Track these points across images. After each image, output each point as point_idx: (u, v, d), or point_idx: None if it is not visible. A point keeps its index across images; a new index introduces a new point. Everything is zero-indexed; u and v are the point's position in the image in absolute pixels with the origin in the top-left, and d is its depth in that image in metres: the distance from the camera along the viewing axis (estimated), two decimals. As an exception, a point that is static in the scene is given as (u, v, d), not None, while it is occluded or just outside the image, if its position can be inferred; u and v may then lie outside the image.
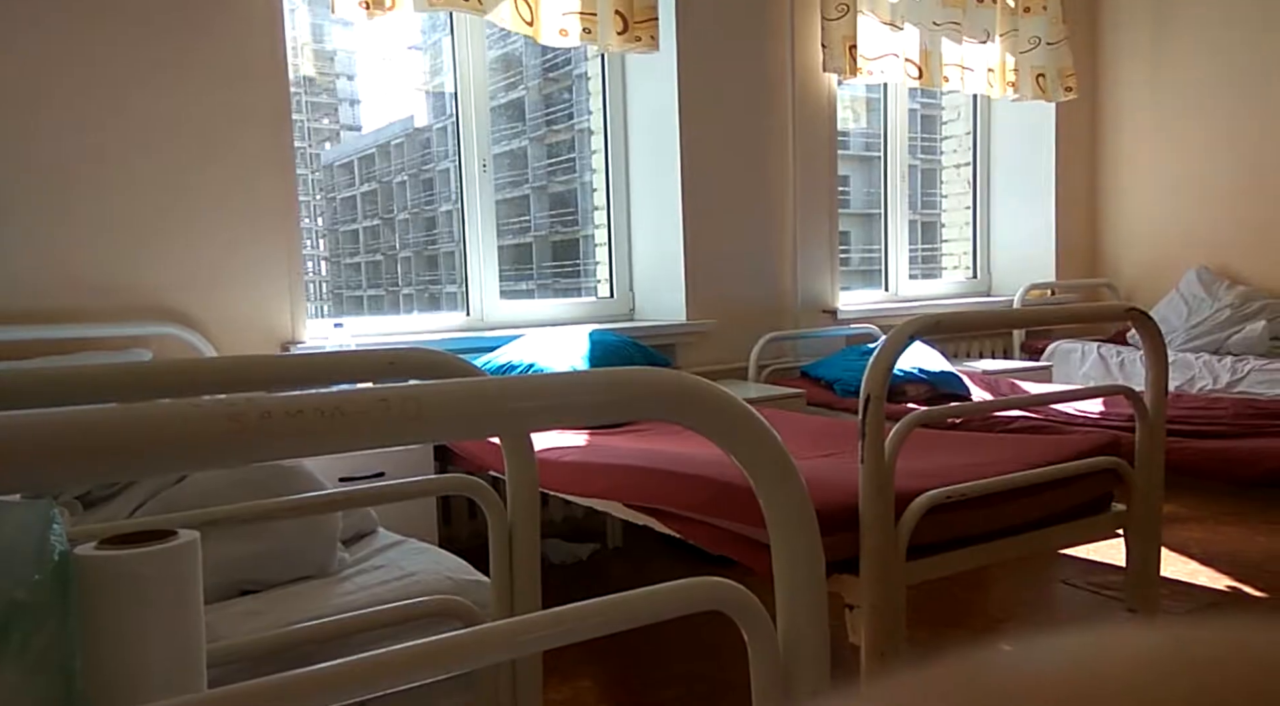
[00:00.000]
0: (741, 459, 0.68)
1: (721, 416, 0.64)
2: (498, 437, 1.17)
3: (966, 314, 1.46)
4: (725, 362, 3.16)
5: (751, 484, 0.69)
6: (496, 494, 1.07)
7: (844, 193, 5.59)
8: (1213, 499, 3.26)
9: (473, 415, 0.55)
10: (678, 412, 0.63)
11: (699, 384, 0.63)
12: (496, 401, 0.58)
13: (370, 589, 1.16)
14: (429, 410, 0.52)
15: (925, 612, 2.28)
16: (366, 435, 0.49)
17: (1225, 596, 2.33)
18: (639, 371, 0.64)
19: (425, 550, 1.33)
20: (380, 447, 0.51)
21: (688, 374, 0.64)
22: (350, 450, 0.50)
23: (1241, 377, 3.06)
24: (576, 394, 0.62)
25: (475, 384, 0.56)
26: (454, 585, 1.17)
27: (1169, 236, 3.90)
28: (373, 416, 0.49)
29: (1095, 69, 4.09)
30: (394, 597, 1.10)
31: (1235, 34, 3.59)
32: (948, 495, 1.42)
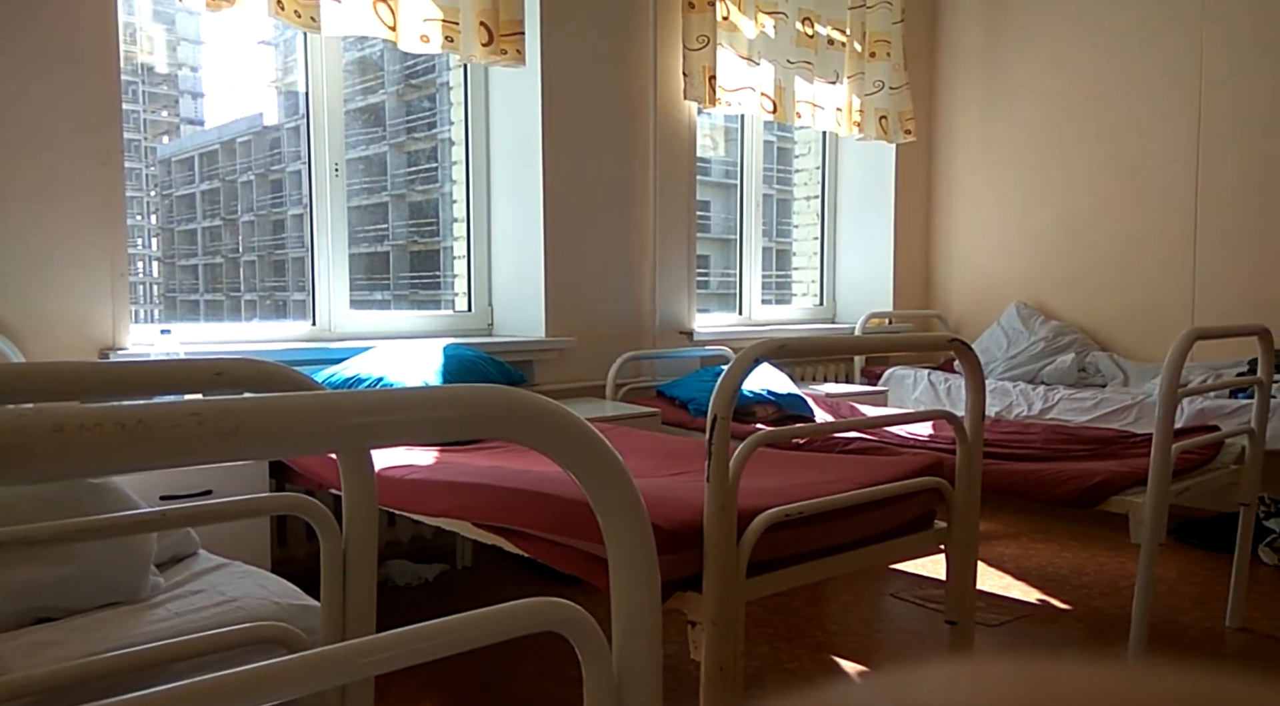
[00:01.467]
0: (581, 477, 0.68)
1: (561, 434, 0.64)
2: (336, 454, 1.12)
3: (806, 340, 1.53)
4: (583, 381, 3.17)
5: (590, 502, 0.69)
6: (332, 513, 1.02)
7: (704, 218, 5.73)
8: (1026, 517, 3.55)
9: (297, 432, 0.53)
10: (517, 431, 0.63)
11: (538, 402, 0.63)
12: (323, 417, 0.56)
13: (185, 616, 1.07)
14: (248, 426, 0.49)
15: (767, 627, 2.36)
16: (175, 452, 0.46)
17: (1036, 608, 2.53)
18: (478, 389, 0.63)
19: (251, 573, 1.25)
20: (192, 465, 0.47)
21: (528, 392, 0.64)
22: (155, 467, 0.46)
23: (1053, 405, 3.35)
24: (411, 411, 0.60)
25: (301, 399, 0.54)
26: (279, 610, 1.10)
27: (993, 273, 4.24)
28: (182, 432, 0.46)
29: (932, 116, 4.41)
30: (211, 625, 1.02)
31: (1053, 98, 3.96)
32: (786, 513, 1.47)
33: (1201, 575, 2.80)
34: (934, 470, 1.80)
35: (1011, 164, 4.13)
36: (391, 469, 1.83)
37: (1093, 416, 3.18)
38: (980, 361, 1.73)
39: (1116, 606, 2.50)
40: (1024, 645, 2.25)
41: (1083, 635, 2.31)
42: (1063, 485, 2.12)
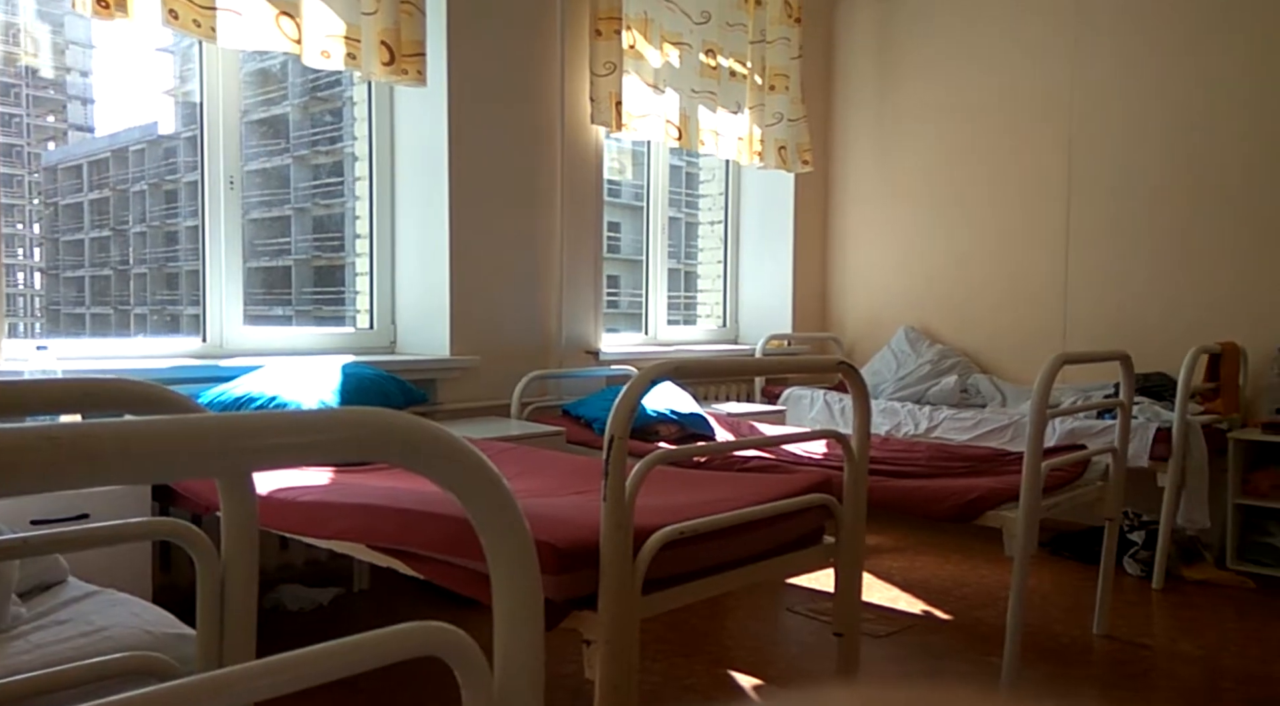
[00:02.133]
0: (462, 498, 0.69)
1: (440, 456, 0.65)
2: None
3: (700, 362, 1.57)
4: (488, 400, 3.16)
5: (473, 524, 0.70)
6: (215, 537, 1.00)
7: (614, 239, 5.78)
8: (912, 531, 3.70)
9: (164, 457, 0.53)
10: (396, 454, 0.64)
11: (417, 424, 0.64)
12: (192, 442, 0.55)
13: (47, 647, 1.03)
14: (109, 450, 0.49)
15: (665, 644, 2.39)
16: (27, 478, 0.45)
17: (920, 619, 2.65)
18: (356, 412, 0.64)
19: (124, 602, 1.20)
20: (48, 491, 0.47)
21: (407, 415, 0.65)
22: (7, 494, 0.46)
23: (937, 424, 3.52)
24: (285, 434, 0.60)
25: (170, 422, 0.54)
26: (152, 640, 1.07)
27: (884, 298, 4.43)
28: (36, 456, 0.45)
29: (828, 148, 4.59)
30: (76, 656, 0.98)
31: (939, 137, 4.19)
32: (681, 531, 1.51)
33: (1073, 585, 2.98)
34: (823, 487, 1.87)
35: (902, 196, 4.33)
36: (283, 490, 1.79)
37: (973, 435, 3.35)
38: (866, 384, 1.82)
39: (994, 616, 2.64)
40: (909, 655, 2.35)
41: (963, 645, 2.43)
42: (943, 501, 2.23)
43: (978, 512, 2.18)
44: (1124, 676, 2.21)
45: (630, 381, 1.44)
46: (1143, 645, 2.42)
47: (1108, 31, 3.65)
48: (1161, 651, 2.37)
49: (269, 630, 2.32)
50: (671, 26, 3.58)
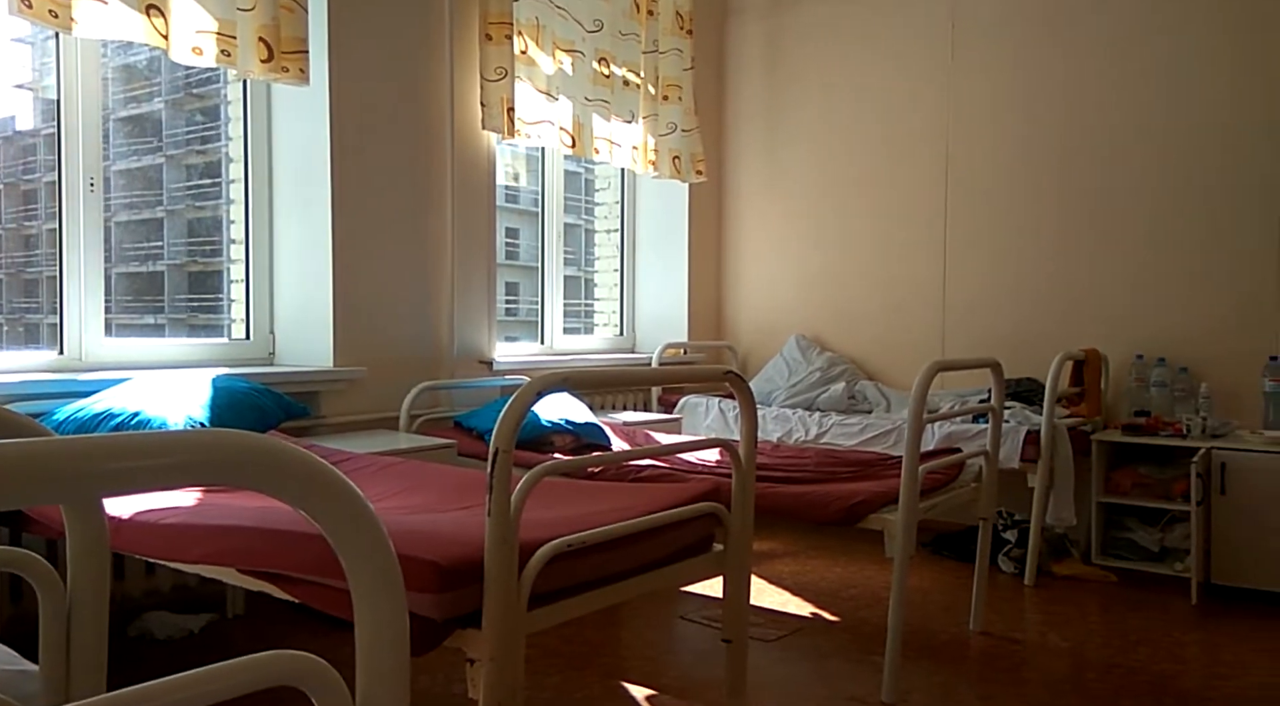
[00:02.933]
0: (320, 519, 0.66)
1: (296, 478, 0.62)
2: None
3: (587, 373, 1.56)
4: (375, 412, 3.06)
5: (333, 546, 0.67)
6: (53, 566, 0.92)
7: (514, 245, 5.72)
8: (804, 535, 3.79)
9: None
10: (249, 476, 0.60)
11: (269, 445, 0.61)
12: (23, 467, 0.51)
13: None
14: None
15: (558, 658, 2.37)
16: None
17: (809, 621, 2.71)
18: (209, 434, 0.60)
19: (-45, 639, 1.10)
20: None
21: (261, 436, 0.62)
22: None
23: (826, 430, 3.62)
24: (130, 458, 0.56)
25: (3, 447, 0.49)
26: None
27: (776, 307, 4.53)
28: None
29: (721, 159, 4.68)
30: (-110, 702, 0.89)
31: (825, 150, 4.33)
32: (569, 544, 1.49)
33: (952, 583, 3.11)
34: (712, 496, 1.89)
35: (792, 208, 4.45)
36: (145, 513, 1.68)
37: (859, 440, 3.46)
38: (752, 392, 1.85)
39: (879, 616, 2.72)
40: (797, 658, 2.39)
41: (849, 645, 2.49)
42: (828, 506, 2.29)
43: (860, 516, 2.25)
44: (998, 670, 2.31)
45: (515, 394, 1.42)
46: (1015, 639, 2.54)
47: (981, 53, 3.85)
48: (1032, 645, 2.50)
49: (132, 660, 2.18)
50: (564, 34, 3.57)
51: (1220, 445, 2.94)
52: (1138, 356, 3.45)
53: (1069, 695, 2.15)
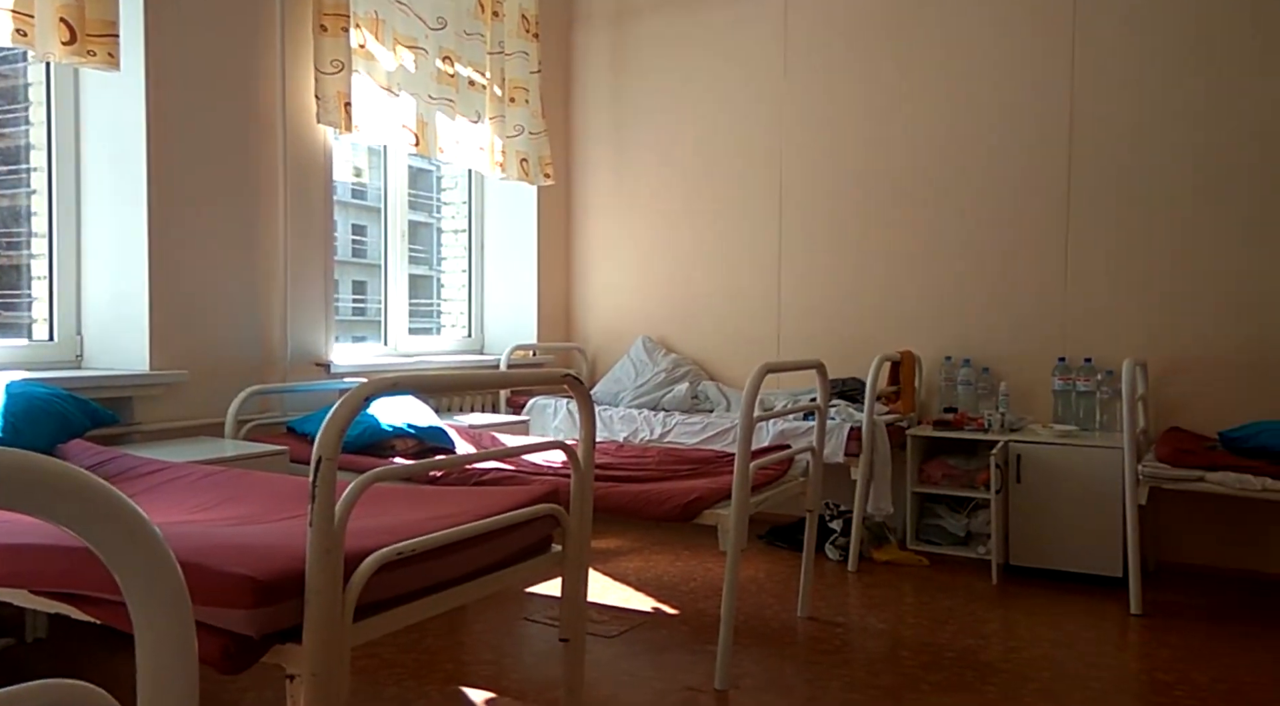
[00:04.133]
0: (93, 541, 0.63)
1: (64, 497, 0.59)
2: None
3: (419, 377, 1.55)
4: (199, 418, 2.89)
5: (109, 568, 0.64)
6: None
7: (361, 243, 5.52)
8: (648, 532, 3.89)
9: None
10: (8, 496, 0.57)
11: (28, 460, 0.58)
12: None
13: None
14: None
15: (397, 667, 2.32)
16: None
17: (650, 616, 2.78)
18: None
19: None
20: None
21: (18, 452, 0.59)
22: None
23: (670, 430, 3.72)
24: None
25: None
26: None
27: (624, 309, 4.62)
28: None
29: (570, 162, 4.71)
30: None
31: (667, 157, 4.45)
32: (398, 552, 1.48)
33: (783, 573, 3.27)
34: (551, 497, 1.92)
35: (638, 212, 4.55)
36: (-80, 534, 1.52)
37: (701, 439, 3.58)
38: (590, 395, 1.88)
39: (716, 607, 2.84)
40: (635, 652, 2.46)
41: (686, 637, 2.59)
42: (666, 503, 2.36)
43: (697, 512, 2.33)
44: (822, 652, 2.46)
45: (341, 398, 1.39)
46: (838, 623, 2.71)
47: (813, 65, 4.07)
48: (854, 628, 2.67)
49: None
50: (405, 29, 3.49)
51: (1016, 438, 3.25)
52: (946, 358, 3.75)
53: (884, 672, 2.32)
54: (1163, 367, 3.36)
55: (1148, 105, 3.38)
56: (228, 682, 2.20)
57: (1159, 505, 3.36)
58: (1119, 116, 3.43)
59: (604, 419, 3.89)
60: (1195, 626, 2.69)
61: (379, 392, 1.45)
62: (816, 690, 2.20)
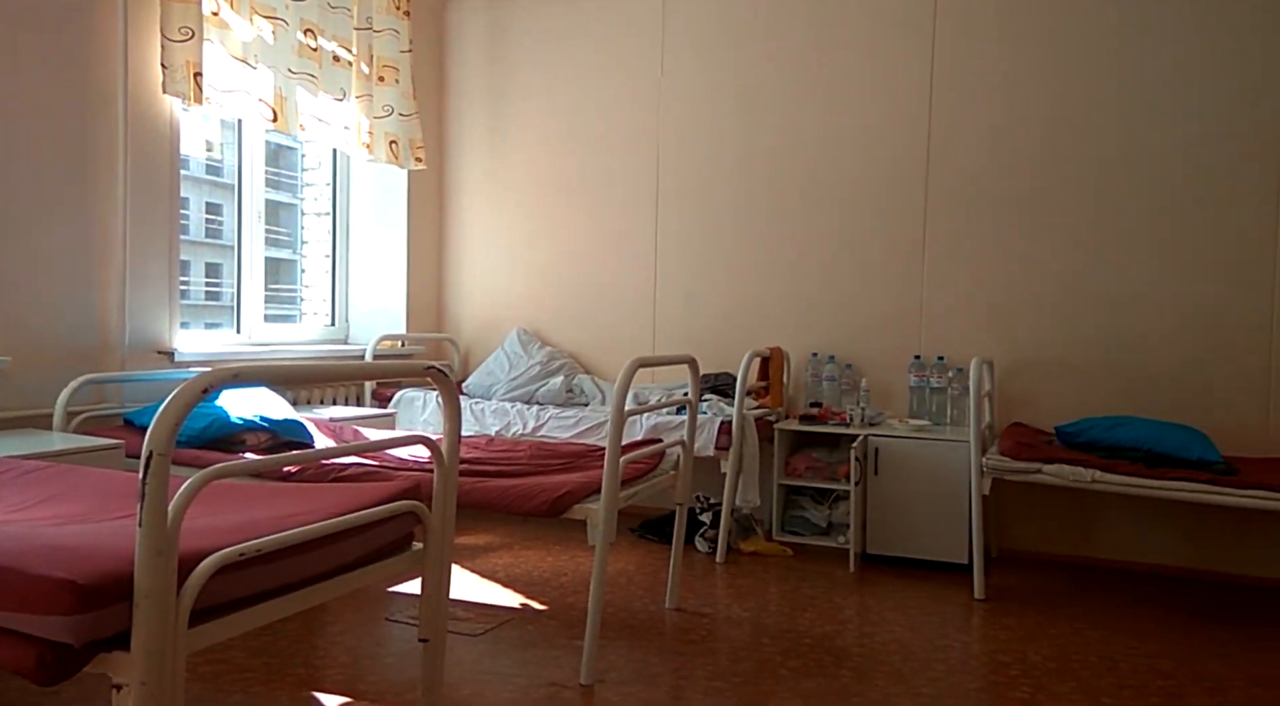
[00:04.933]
0: None
1: None
2: None
3: (263, 368, 1.45)
4: (22, 409, 2.64)
5: None
6: None
7: (216, 222, 5.17)
8: (519, 527, 3.84)
9: None
10: None
11: None
12: None
13: None
14: None
15: (246, 672, 2.19)
16: None
17: (519, 612, 2.74)
18: None
19: None
20: None
21: None
22: None
23: (544, 423, 3.68)
24: None
25: None
26: None
27: (499, 301, 4.53)
28: None
29: (443, 147, 4.58)
30: None
31: (545, 147, 4.39)
32: (240, 552, 1.38)
33: (654, 565, 3.30)
34: (412, 494, 1.85)
35: (515, 201, 4.47)
36: None
37: (574, 432, 3.56)
38: (454, 388, 1.82)
39: (585, 602, 2.82)
40: (501, 650, 2.41)
41: (554, 632, 2.56)
42: (534, 497, 2.33)
43: (566, 507, 2.31)
44: (688, 642, 2.49)
45: (175, 390, 1.28)
46: (704, 613, 2.75)
47: (691, 56, 4.11)
48: (719, 617, 2.72)
49: None
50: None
51: (875, 432, 3.39)
52: (813, 354, 3.88)
53: (746, 660, 2.37)
54: (1008, 366, 3.58)
55: (1000, 114, 3.58)
56: (50, 696, 2.01)
57: (1002, 496, 3.59)
58: (972, 125, 3.63)
59: (475, 412, 3.80)
60: (1031, 609, 2.88)
61: (219, 384, 1.36)
62: (681, 680, 2.23)
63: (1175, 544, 3.33)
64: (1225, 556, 3.26)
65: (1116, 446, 2.82)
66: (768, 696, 2.14)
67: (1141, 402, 3.36)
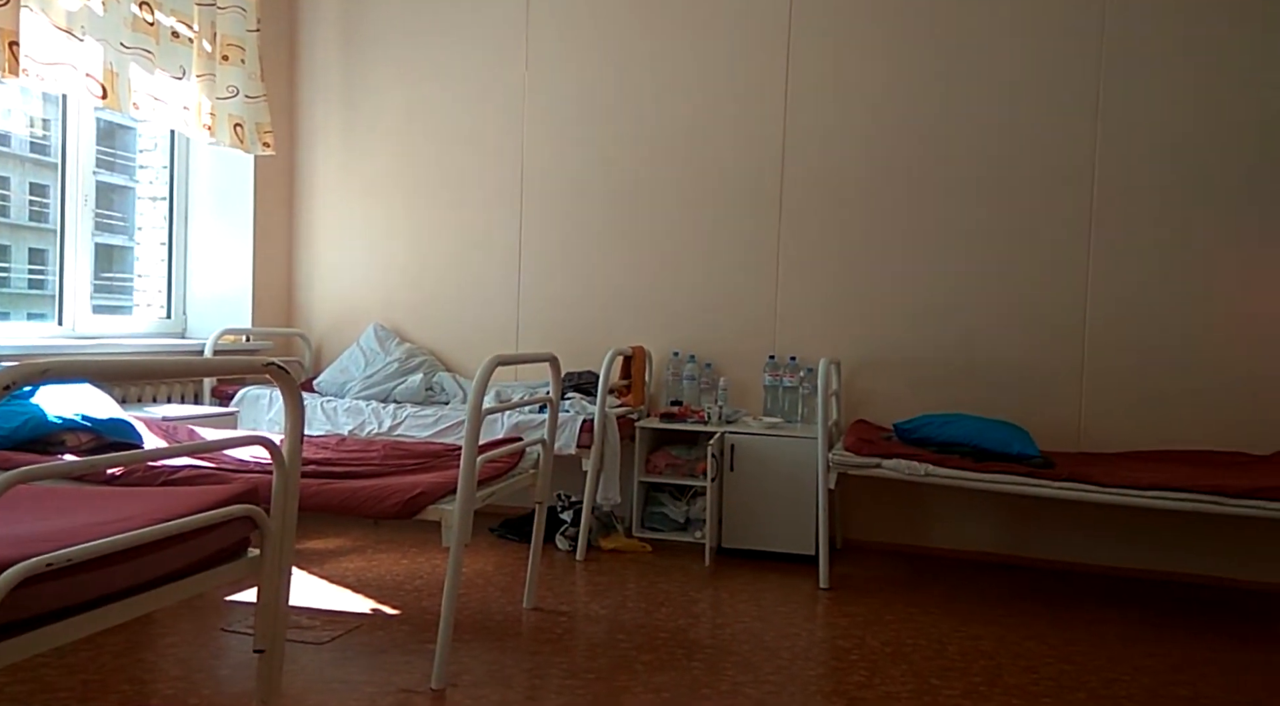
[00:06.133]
0: None
1: None
2: None
3: (79, 362, 1.35)
4: None
5: None
6: None
7: (40, 204, 4.73)
8: (373, 530, 3.72)
9: None
10: None
11: None
12: None
13: None
14: None
15: (60, 692, 2.02)
16: None
17: (369, 617, 2.66)
18: None
19: None
20: None
21: None
22: None
23: (401, 422, 3.58)
24: None
25: None
26: None
27: (355, 295, 4.38)
28: None
29: (294, 133, 4.38)
30: None
31: (405, 140, 4.27)
32: (48, 562, 1.28)
33: (514, 565, 3.27)
34: (250, 497, 1.76)
35: (372, 192, 4.33)
36: None
37: (433, 431, 3.48)
38: (296, 385, 1.75)
39: (440, 605, 2.77)
40: (348, 658, 2.33)
41: (407, 637, 2.50)
42: (386, 499, 2.26)
43: (420, 508, 2.25)
44: (544, 642, 2.49)
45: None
46: (562, 612, 2.76)
47: (556, 48, 4.10)
48: (578, 615, 2.73)
49: None
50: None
51: (731, 429, 3.50)
52: (674, 353, 3.95)
53: (602, 657, 2.39)
54: (854, 365, 3.77)
55: (847, 119, 3.76)
56: None
57: (847, 489, 3.78)
58: (823, 130, 3.79)
59: (327, 411, 3.66)
60: (870, 597, 3.05)
61: (26, 381, 1.25)
62: (535, 679, 2.22)
63: (998, 533, 3.60)
64: (1042, 543, 3.56)
65: (948, 442, 3.02)
66: (621, 691, 2.17)
67: (972, 399, 3.61)
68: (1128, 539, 3.45)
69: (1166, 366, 3.41)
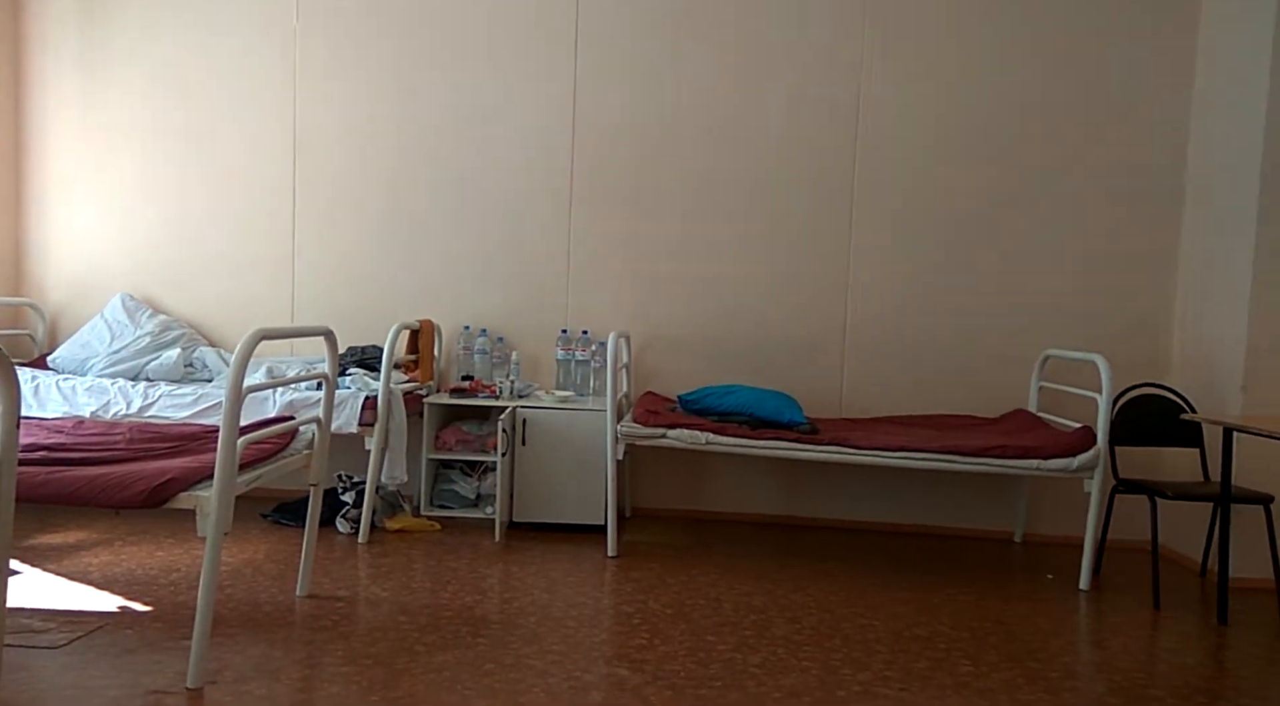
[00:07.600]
0: None
1: None
2: None
3: None
4: None
5: None
6: None
7: None
8: (122, 522, 3.36)
9: None
10: None
11: None
12: None
13: None
14: None
15: None
16: None
17: (115, 616, 2.40)
18: None
19: None
20: None
21: None
22: None
23: (154, 402, 3.25)
24: None
25: None
26: None
27: (98, 263, 3.91)
28: None
29: (20, 91, 3.83)
30: None
31: (155, 103, 3.85)
32: None
33: (288, 551, 3.08)
34: (-51, 489, 1.52)
35: (121, 153, 3.88)
36: None
37: (192, 412, 3.20)
38: (11, 363, 1.53)
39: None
40: (91, 661, 2.10)
41: (161, 634, 2.28)
42: (130, 487, 2.04)
43: (169, 496, 2.05)
44: (318, 630, 2.36)
45: None
46: (340, 598, 2.63)
47: (328, 14, 3.84)
48: (358, 600, 2.62)
49: None
50: None
51: (524, 404, 3.47)
52: (465, 327, 3.86)
53: (381, 641, 2.30)
54: (643, 339, 3.86)
55: (632, 101, 3.81)
56: None
57: (636, 459, 3.88)
58: (612, 111, 3.82)
59: (64, 390, 3.25)
60: (655, 562, 3.15)
61: None
62: (307, 670, 2.11)
63: (773, 496, 3.84)
64: (811, 503, 3.83)
65: (726, 412, 3.17)
66: (400, 674, 2.10)
67: (750, 369, 3.81)
68: (885, 495, 3.80)
69: (917, 338, 3.75)
